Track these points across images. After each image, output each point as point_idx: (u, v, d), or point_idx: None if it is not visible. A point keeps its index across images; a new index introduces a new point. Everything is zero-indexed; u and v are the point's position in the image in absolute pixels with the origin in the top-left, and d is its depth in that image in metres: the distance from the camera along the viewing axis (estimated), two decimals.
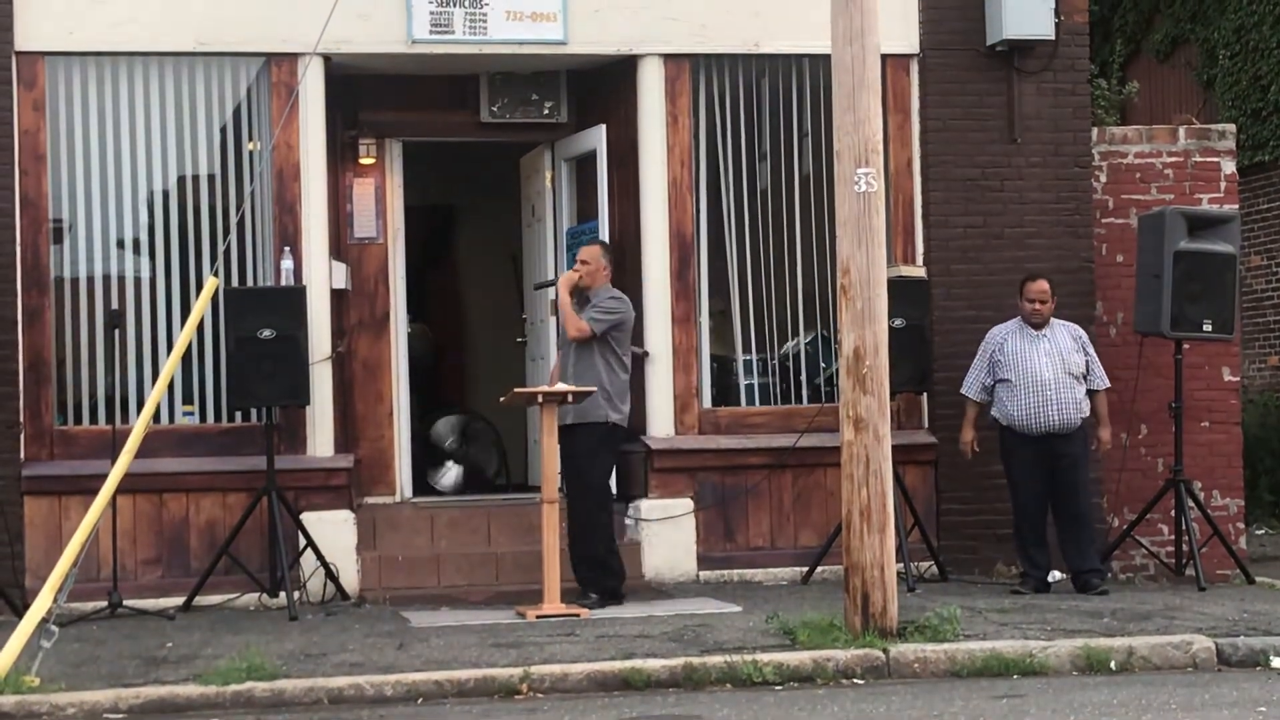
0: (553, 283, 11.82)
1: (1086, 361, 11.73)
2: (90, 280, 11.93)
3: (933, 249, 12.60)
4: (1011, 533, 12.06)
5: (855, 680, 9.07)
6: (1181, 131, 13.03)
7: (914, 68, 12.68)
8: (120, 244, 12.03)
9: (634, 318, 11.54)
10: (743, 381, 12.78)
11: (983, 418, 11.89)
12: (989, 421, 11.86)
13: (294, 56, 11.88)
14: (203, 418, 12.01)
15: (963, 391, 11.93)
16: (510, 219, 14.40)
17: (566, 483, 11.30)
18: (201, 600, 11.38)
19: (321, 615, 11.02)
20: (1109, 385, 11.88)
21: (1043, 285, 11.73)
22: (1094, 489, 12.13)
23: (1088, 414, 11.69)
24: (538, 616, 10.56)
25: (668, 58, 12.41)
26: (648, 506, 12.23)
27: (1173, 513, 12.25)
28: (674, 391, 12.35)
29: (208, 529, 11.69)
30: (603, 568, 11.17)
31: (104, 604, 10.91)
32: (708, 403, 12.59)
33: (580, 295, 11.36)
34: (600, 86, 12.83)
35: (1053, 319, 11.78)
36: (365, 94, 12.82)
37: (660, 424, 12.33)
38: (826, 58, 9.93)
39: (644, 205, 12.41)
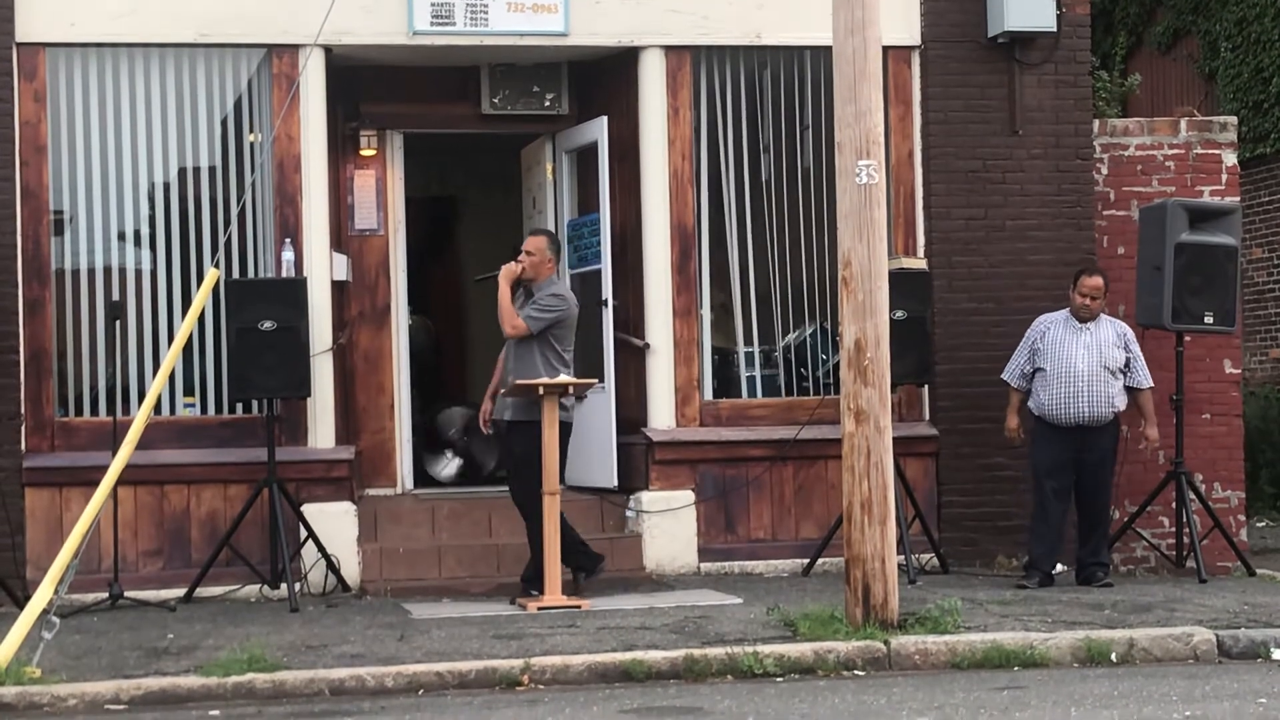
0: (495, 275, 11.44)
1: (1128, 359, 11.68)
2: (91, 272, 11.93)
3: (934, 241, 12.60)
4: (1013, 524, 12.09)
5: (856, 672, 9.07)
6: (1183, 124, 13.03)
7: (915, 59, 12.67)
8: (121, 235, 12.03)
9: (576, 314, 11.30)
10: (744, 373, 12.78)
11: (1025, 405, 11.85)
12: (1028, 411, 11.84)
13: (295, 48, 11.87)
14: (204, 409, 12.01)
15: (1003, 377, 11.91)
16: (511, 211, 14.39)
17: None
18: (202, 592, 11.38)
19: (322, 607, 11.02)
20: (1152, 384, 11.80)
21: (1097, 281, 11.66)
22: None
23: (1121, 409, 11.64)
24: (539, 608, 10.56)
25: (669, 49, 12.40)
26: (649, 498, 12.23)
27: (1173, 505, 12.25)
28: (675, 384, 12.35)
29: (209, 521, 11.70)
30: (568, 550, 11.03)
31: (105, 595, 10.92)
32: (709, 395, 12.58)
33: (525, 288, 11.19)
34: (602, 78, 12.83)
35: (1101, 315, 11.73)
36: (366, 85, 12.81)
37: (661, 416, 12.32)
38: (828, 49, 9.91)
39: (645, 198, 12.40)
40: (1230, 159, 13.03)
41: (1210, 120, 13.18)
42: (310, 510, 11.63)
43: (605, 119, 12.62)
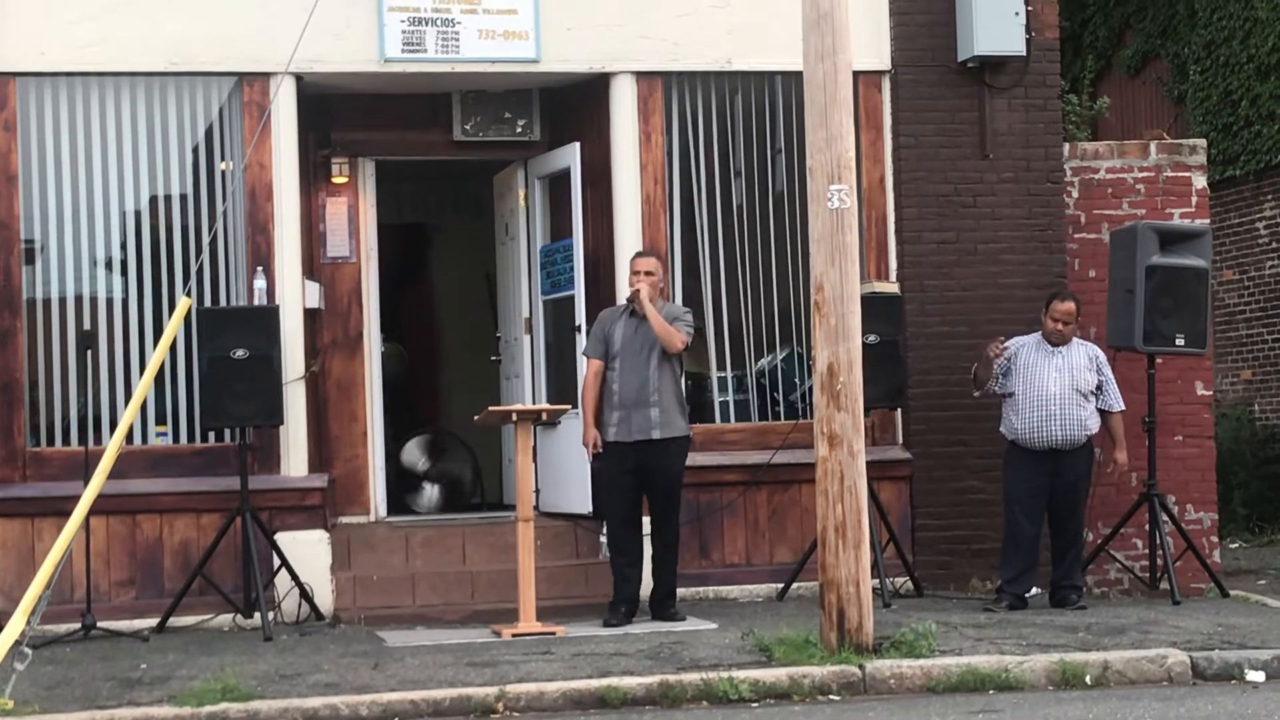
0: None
1: (1100, 382, 11.70)
2: (62, 301, 11.89)
3: (906, 265, 12.63)
4: (987, 547, 12.11)
5: (831, 696, 9.07)
6: (1153, 147, 13.09)
7: (886, 84, 12.71)
8: (93, 264, 12.00)
9: None
10: (717, 398, 12.78)
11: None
12: (995, 415, 11.85)
13: (266, 76, 11.86)
14: (176, 438, 11.97)
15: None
16: (484, 238, 14.40)
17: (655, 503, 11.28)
18: (176, 621, 11.33)
19: (296, 636, 10.99)
20: (1123, 407, 11.83)
21: (1069, 306, 11.69)
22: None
23: (1094, 431, 11.66)
24: (513, 635, 10.55)
25: (640, 75, 12.42)
26: None
27: (1147, 527, 12.28)
28: None
29: (182, 550, 11.65)
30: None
31: (77, 626, 10.87)
32: None
33: (633, 309, 11.24)
34: (573, 104, 12.84)
35: (1073, 338, 11.76)
36: (338, 113, 12.81)
37: None
38: (799, 75, 9.95)
39: (617, 223, 12.41)
40: (1200, 181, 13.10)
41: (1180, 143, 13.23)
42: (283, 539, 11.60)
43: (578, 145, 12.62)
